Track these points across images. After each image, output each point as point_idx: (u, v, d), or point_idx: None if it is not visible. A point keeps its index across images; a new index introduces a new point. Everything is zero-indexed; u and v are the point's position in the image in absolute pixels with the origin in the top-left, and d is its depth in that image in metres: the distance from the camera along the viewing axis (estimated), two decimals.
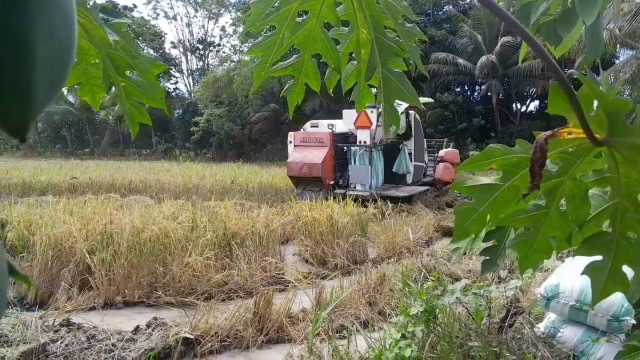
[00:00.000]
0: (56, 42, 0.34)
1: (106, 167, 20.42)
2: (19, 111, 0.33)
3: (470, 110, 27.23)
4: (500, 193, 0.81)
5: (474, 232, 0.89)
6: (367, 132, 10.86)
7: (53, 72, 0.34)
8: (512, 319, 2.78)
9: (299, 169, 10.98)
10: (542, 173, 0.70)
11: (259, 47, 1.09)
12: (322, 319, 3.35)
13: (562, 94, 0.68)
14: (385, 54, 1.00)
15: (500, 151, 0.79)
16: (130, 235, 5.11)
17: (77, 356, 3.59)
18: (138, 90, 1.20)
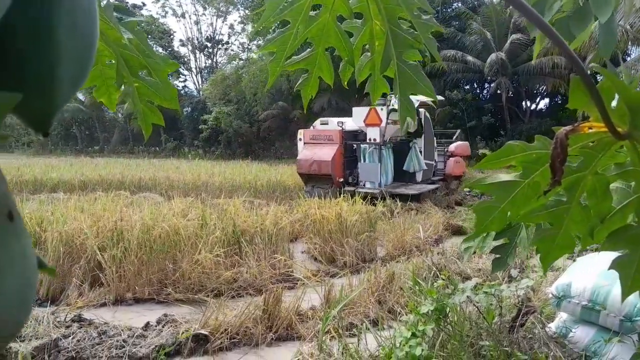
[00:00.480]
0: (79, 38, 0.34)
1: (116, 164, 20.55)
2: (43, 106, 0.33)
3: (480, 108, 27.10)
4: (520, 190, 0.81)
5: (494, 230, 0.88)
6: (376, 130, 10.80)
7: (76, 67, 0.34)
8: (523, 319, 2.77)
9: (309, 166, 11.00)
10: (563, 169, 0.69)
11: (274, 42, 1.09)
12: (332, 316, 3.35)
13: (583, 88, 0.67)
14: (400, 46, 0.99)
15: (520, 148, 0.78)
16: (140, 232, 5.14)
17: (88, 352, 3.62)
18: (151, 91, 1.20)
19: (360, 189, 10.48)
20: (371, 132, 10.91)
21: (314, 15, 1.06)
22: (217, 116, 32.13)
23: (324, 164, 10.79)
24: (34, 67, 0.31)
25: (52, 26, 0.31)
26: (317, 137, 11.39)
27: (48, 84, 0.32)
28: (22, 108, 0.30)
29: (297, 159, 11.49)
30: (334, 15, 1.07)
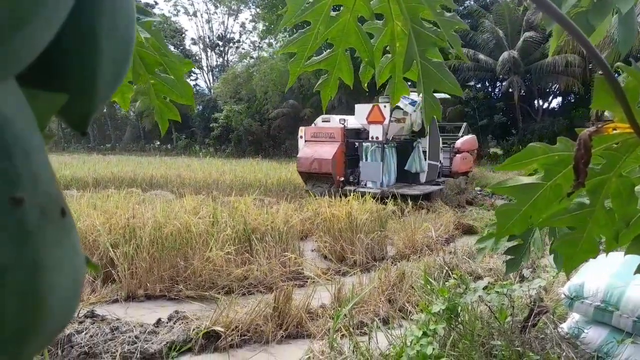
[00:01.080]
0: (119, 40, 0.35)
1: (128, 162, 20.73)
2: (82, 105, 0.34)
3: (491, 107, 26.92)
4: (542, 192, 0.80)
5: (517, 233, 0.87)
6: (379, 128, 10.48)
7: (115, 69, 0.35)
8: (535, 319, 2.75)
9: (309, 165, 10.71)
10: (587, 170, 0.69)
11: (295, 43, 1.10)
12: (342, 315, 3.35)
13: (607, 88, 0.66)
14: (423, 45, 0.99)
15: (542, 150, 0.78)
16: (152, 230, 5.18)
17: (101, 347, 3.67)
18: (167, 88, 1.22)
19: (361, 188, 10.17)
20: (374, 130, 10.62)
21: (335, 16, 1.06)
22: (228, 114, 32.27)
23: (325, 162, 10.47)
24: (77, 69, 0.32)
25: (94, 28, 0.32)
26: (319, 134, 11.08)
27: (89, 86, 0.33)
28: (64, 108, 0.32)
29: (297, 157, 11.21)
30: (355, 15, 1.07)
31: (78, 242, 0.27)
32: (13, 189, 0.22)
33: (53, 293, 0.24)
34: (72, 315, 0.27)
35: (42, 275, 0.23)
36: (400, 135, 11.50)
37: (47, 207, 0.24)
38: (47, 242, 0.24)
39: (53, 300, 0.24)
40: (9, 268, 0.22)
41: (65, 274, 0.25)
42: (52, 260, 0.24)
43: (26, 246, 0.23)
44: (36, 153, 0.25)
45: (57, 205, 0.25)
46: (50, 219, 0.24)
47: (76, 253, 0.27)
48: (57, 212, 0.25)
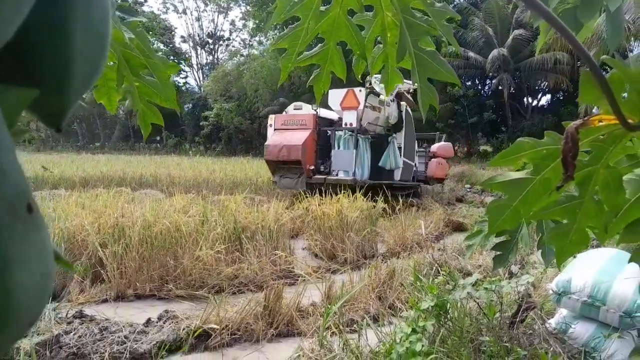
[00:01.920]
0: (93, 36, 0.34)
1: (117, 161, 20.59)
2: (56, 101, 0.33)
3: (481, 105, 27.08)
4: (532, 187, 0.81)
5: (508, 228, 0.88)
6: (353, 114, 9.87)
7: (89, 65, 0.34)
8: (523, 314, 2.77)
9: (277, 152, 10.08)
10: (575, 163, 0.69)
11: (285, 38, 1.09)
12: (332, 312, 3.35)
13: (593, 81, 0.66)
14: (415, 34, 0.99)
15: (530, 144, 0.78)
16: (141, 229, 5.15)
17: (90, 347, 3.63)
18: (151, 90, 1.20)
19: (332, 177, 9.74)
20: (347, 116, 10.01)
21: (325, 11, 1.06)
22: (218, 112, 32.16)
23: (294, 148, 9.84)
24: (49, 63, 0.31)
25: (67, 22, 0.31)
26: (289, 122, 10.49)
27: (62, 81, 0.32)
28: (36, 104, 0.31)
29: (265, 144, 10.49)
30: (345, 9, 1.07)
31: (48, 238, 0.27)
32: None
33: (21, 288, 0.24)
34: (42, 311, 0.27)
35: (9, 271, 0.23)
36: (376, 126, 10.77)
37: (14, 204, 0.24)
38: (14, 238, 0.24)
39: (21, 295, 0.24)
40: None
41: (34, 269, 0.25)
42: (19, 255, 0.24)
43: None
44: (3, 149, 0.24)
45: (24, 201, 0.25)
46: (17, 215, 0.24)
47: (45, 249, 0.26)
48: (24, 209, 0.25)
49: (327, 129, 10.47)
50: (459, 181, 14.65)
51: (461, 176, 15.28)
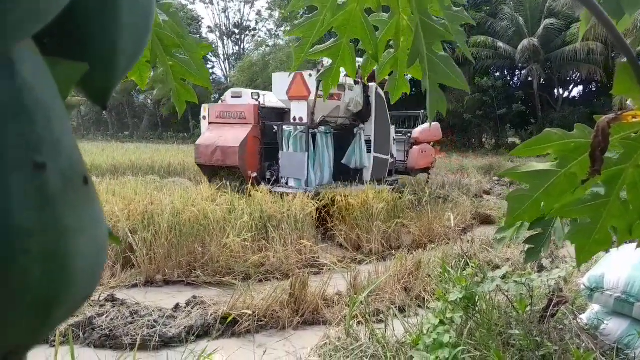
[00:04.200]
0: (139, 13, 0.34)
1: (145, 149, 20.95)
2: (103, 78, 0.34)
3: (510, 96, 26.53)
4: (556, 180, 0.78)
5: (527, 220, 0.86)
6: (303, 105, 7.67)
7: (134, 42, 0.35)
8: (554, 309, 2.72)
9: (210, 155, 7.98)
10: (603, 158, 0.67)
11: (301, 27, 1.09)
12: (359, 302, 3.36)
13: (630, 73, 0.64)
14: (430, 38, 0.97)
15: (558, 136, 0.76)
16: (170, 216, 5.24)
17: (121, 330, 3.74)
18: (185, 69, 1.22)
19: (279, 188, 7.54)
20: (296, 108, 7.80)
21: (342, 4, 1.05)
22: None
23: (230, 151, 7.74)
24: (97, 39, 0.32)
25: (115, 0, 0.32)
26: (226, 114, 8.30)
27: (109, 58, 0.32)
28: (83, 80, 0.31)
29: (196, 144, 8.43)
30: (362, 6, 1.06)
31: (101, 212, 0.27)
32: (35, 154, 0.22)
33: (77, 259, 0.24)
34: (96, 284, 0.27)
35: (65, 241, 0.23)
36: (337, 117, 8.37)
37: (69, 174, 0.24)
38: (69, 208, 0.23)
39: (77, 266, 0.24)
40: (34, 233, 0.21)
41: (89, 241, 0.25)
42: (75, 226, 0.24)
43: (49, 211, 0.22)
44: (58, 119, 0.24)
45: (80, 172, 0.25)
46: (73, 185, 0.24)
47: (99, 221, 0.26)
48: (80, 180, 0.25)
49: (274, 123, 8.35)
50: (487, 173, 14.41)
51: (489, 168, 15.02)
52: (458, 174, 13.03)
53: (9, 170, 0.21)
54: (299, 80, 7.65)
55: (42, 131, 0.22)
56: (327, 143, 8.16)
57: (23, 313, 0.22)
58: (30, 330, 0.22)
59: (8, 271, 0.21)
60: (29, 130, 0.22)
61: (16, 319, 0.22)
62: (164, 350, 3.57)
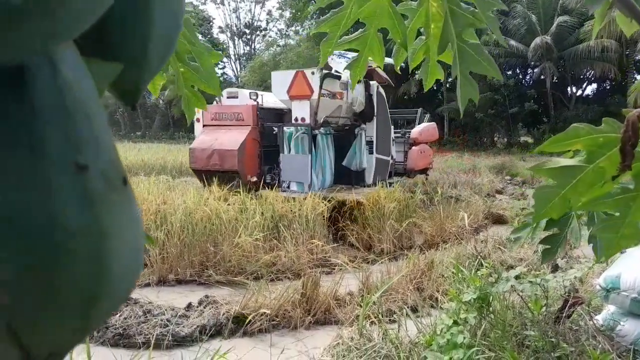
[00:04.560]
0: (169, 15, 0.34)
1: (157, 149, 21.08)
2: (133, 78, 0.34)
3: (522, 94, 26.29)
4: (584, 175, 0.77)
5: (554, 217, 0.85)
6: (305, 105, 7.32)
7: (164, 43, 0.35)
8: (570, 310, 2.69)
9: (207, 159, 7.56)
10: (634, 153, 0.66)
11: (327, 22, 1.08)
12: (372, 302, 3.35)
13: None
14: (459, 25, 0.96)
15: (586, 130, 0.75)
16: (183, 216, 5.27)
17: (134, 329, 3.76)
18: (195, 76, 1.22)
19: (282, 192, 7.19)
20: (298, 108, 7.44)
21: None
22: None
23: (229, 155, 7.34)
24: (129, 40, 0.32)
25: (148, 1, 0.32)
26: (222, 116, 7.88)
27: (141, 58, 0.33)
28: (115, 80, 0.31)
29: (190, 148, 7.96)
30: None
31: (138, 213, 0.27)
32: (77, 155, 0.22)
33: (117, 260, 0.24)
34: (134, 283, 0.27)
35: (107, 242, 0.23)
36: (338, 118, 8.06)
37: (110, 175, 0.24)
38: (110, 209, 0.23)
39: (117, 266, 0.24)
40: (77, 234, 0.21)
41: (128, 242, 0.25)
42: (116, 227, 0.24)
43: (91, 212, 0.22)
44: (97, 119, 0.24)
45: (119, 173, 0.25)
46: (113, 186, 0.24)
47: (137, 222, 0.26)
48: (120, 180, 0.25)
49: (273, 124, 7.99)
50: (499, 173, 14.28)
51: (501, 168, 14.88)
52: (470, 174, 12.92)
53: (52, 171, 0.21)
54: (300, 79, 7.32)
55: (83, 131, 0.22)
56: (328, 144, 7.88)
57: (66, 313, 0.22)
58: (72, 330, 0.22)
59: (53, 271, 0.21)
60: (71, 130, 0.22)
61: (60, 319, 0.22)
62: (176, 350, 3.59)
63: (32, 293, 0.21)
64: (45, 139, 0.21)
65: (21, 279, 0.20)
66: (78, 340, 0.24)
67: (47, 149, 0.21)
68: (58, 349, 0.23)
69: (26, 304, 0.21)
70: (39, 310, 0.21)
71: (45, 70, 0.22)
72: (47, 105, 0.21)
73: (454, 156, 18.26)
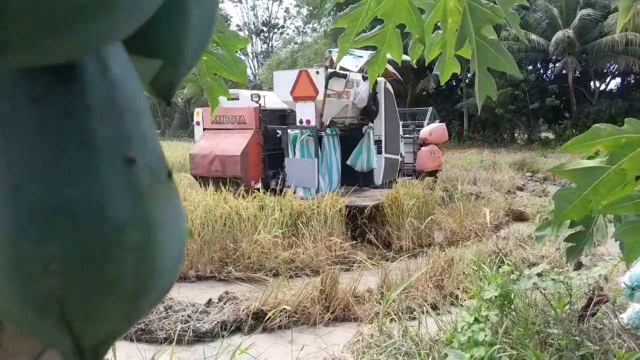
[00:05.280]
0: (204, 11, 0.34)
1: (177, 147, 21.29)
2: (169, 74, 0.34)
3: (543, 89, 25.82)
4: (606, 177, 0.76)
5: (575, 219, 0.84)
6: (310, 106, 6.90)
7: (200, 37, 0.35)
8: (594, 308, 2.65)
9: (208, 165, 7.18)
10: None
11: (345, 18, 1.08)
12: (392, 299, 3.34)
13: None
14: (478, 21, 0.95)
15: (607, 131, 0.73)
16: (203, 213, 5.33)
17: (156, 324, 3.82)
18: (219, 64, 1.21)
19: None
20: (303, 110, 7.01)
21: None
22: None
23: (231, 161, 7.00)
24: (165, 37, 0.32)
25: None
26: (223, 119, 7.51)
27: (177, 54, 0.33)
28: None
29: (190, 154, 7.69)
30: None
31: (181, 205, 0.28)
32: (127, 149, 0.23)
33: (163, 251, 0.24)
34: (177, 276, 0.28)
35: (154, 234, 0.24)
36: (345, 118, 7.78)
37: (156, 168, 0.25)
38: (156, 202, 0.24)
39: (163, 258, 0.24)
40: (126, 225, 0.22)
41: (173, 233, 0.25)
42: (161, 219, 0.24)
43: (140, 205, 0.23)
44: (144, 114, 0.25)
45: (164, 166, 0.26)
46: (159, 179, 0.25)
47: (180, 214, 0.27)
48: (164, 173, 0.25)
49: (276, 127, 7.71)
50: (520, 169, 14.08)
51: (522, 164, 14.67)
52: (490, 170, 12.78)
53: (103, 164, 0.21)
54: (305, 79, 6.91)
55: (132, 126, 0.23)
56: (335, 145, 7.57)
57: (116, 302, 0.22)
58: (120, 319, 0.23)
59: (104, 262, 0.21)
60: (121, 125, 0.23)
61: (109, 308, 0.22)
62: (197, 345, 3.63)
63: (84, 284, 0.21)
64: (96, 133, 0.21)
65: (74, 271, 0.21)
66: (124, 330, 0.24)
67: (97, 143, 0.21)
68: (106, 338, 0.23)
69: (78, 294, 0.21)
70: (91, 301, 0.22)
71: (95, 66, 0.22)
72: (98, 101, 0.22)
73: (473, 152, 18.05)
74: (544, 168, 13.45)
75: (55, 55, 0.19)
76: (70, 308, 0.21)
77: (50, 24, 0.17)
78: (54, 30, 0.17)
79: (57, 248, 0.21)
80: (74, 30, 0.18)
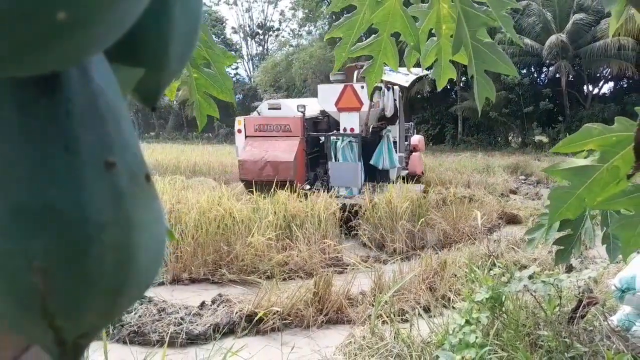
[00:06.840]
0: (189, 16, 0.35)
1: (171, 149, 21.25)
2: (154, 80, 0.35)
3: (537, 93, 25.97)
4: (598, 175, 0.78)
5: (570, 217, 0.86)
6: (354, 116, 7.85)
7: (184, 45, 0.36)
8: (584, 310, 2.67)
9: (259, 170, 7.67)
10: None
11: (340, 27, 1.10)
12: (384, 301, 3.36)
13: None
14: (473, 26, 0.97)
15: (598, 130, 0.75)
16: (196, 215, 5.32)
17: (149, 327, 3.81)
18: (208, 82, 1.23)
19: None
20: (347, 119, 7.93)
21: (381, 0, 1.05)
22: None
23: (284, 166, 7.58)
24: (150, 43, 0.33)
25: (170, 4, 0.33)
26: (267, 127, 8.12)
27: (160, 60, 0.34)
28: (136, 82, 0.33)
29: (240, 160, 8.02)
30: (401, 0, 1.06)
31: (161, 208, 0.29)
32: (108, 154, 0.24)
33: (142, 251, 0.26)
34: (157, 274, 0.29)
35: (133, 234, 0.25)
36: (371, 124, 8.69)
37: (135, 172, 0.26)
38: (136, 204, 0.25)
39: (142, 257, 0.26)
40: (106, 225, 0.23)
41: (151, 234, 0.27)
42: (140, 220, 0.26)
43: (119, 206, 0.24)
44: (125, 120, 0.26)
45: (143, 170, 0.27)
46: (138, 182, 0.26)
47: (160, 216, 0.28)
48: (143, 177, 0.27)
49: (318, 134, 8.53)
50: (513, 172, 14.15)
51: (515, 167, 14.74)
52: (484, 173, 12.83)
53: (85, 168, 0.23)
54: (350, 92, 7.79)
55: (113, 132, 0.24)
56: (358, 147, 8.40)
57: (96, 298, 0.24)
58: (100, 315, 0.24)
59: (85, 260, 0.23)
60: (102, 131, 0.24)
61: (90, 304, 0.24)
62: (190, 348, 3.63)
63: (66, 280, 0.23)
64: (78, 139, 0.23)
65: (55, 267, 0.22)
66: (105, 324, 0.26)
67: (80, 149, 0.23)
68: (87, 331, 0.25)
69: (60, 289, 0.23)
70: (72, 296, 0.23)
71: (77, 76, 0.24)
72: (81, 109, 0.23)
73: (467, 156, 18.12)
74: (538, 171, 13.52)
75: (36, 68, 0.20)
76: (52, 303, 0.23)
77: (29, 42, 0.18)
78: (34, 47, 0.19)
79: (40, 245, 0.22)
80: (52, 47, 0.19)
